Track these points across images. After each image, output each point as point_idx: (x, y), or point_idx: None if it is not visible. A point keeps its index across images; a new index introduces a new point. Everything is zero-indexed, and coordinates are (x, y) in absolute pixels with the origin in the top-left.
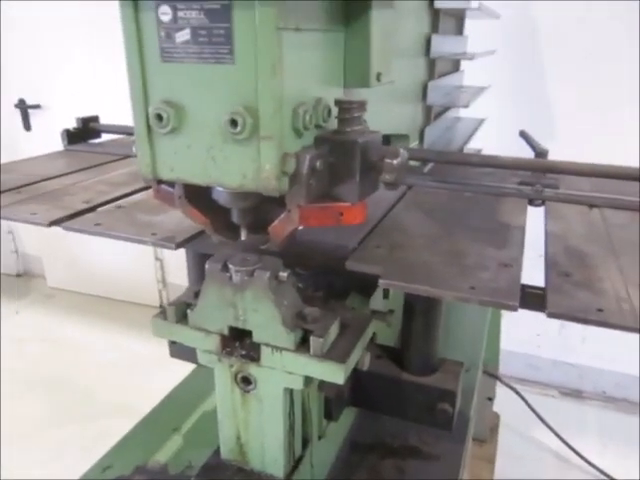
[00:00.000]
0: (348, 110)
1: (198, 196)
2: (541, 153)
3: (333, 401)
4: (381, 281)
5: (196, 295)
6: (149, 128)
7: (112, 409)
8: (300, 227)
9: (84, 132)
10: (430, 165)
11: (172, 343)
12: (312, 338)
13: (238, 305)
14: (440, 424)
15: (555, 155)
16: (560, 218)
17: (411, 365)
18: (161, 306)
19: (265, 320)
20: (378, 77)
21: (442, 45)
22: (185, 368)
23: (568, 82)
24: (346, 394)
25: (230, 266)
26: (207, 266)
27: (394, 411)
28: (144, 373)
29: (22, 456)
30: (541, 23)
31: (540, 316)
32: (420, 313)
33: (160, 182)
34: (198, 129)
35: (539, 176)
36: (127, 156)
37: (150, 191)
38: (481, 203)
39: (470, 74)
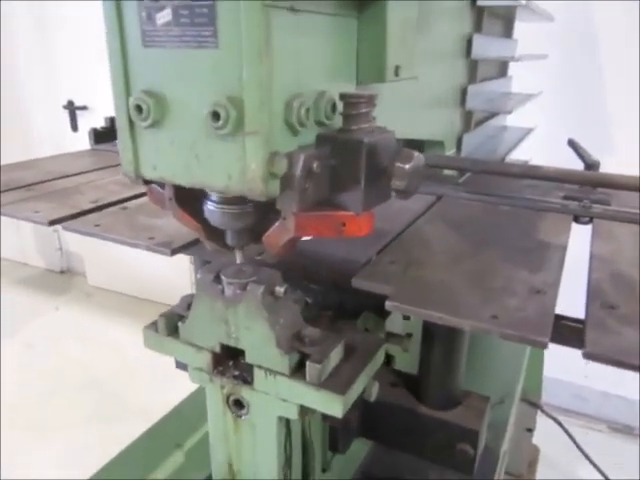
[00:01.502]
0: (354, 105)
1: (190, 199)
2: (592, 165)
3: (339, 431)
4: (388, 303)
5: (189, 307)
6: (131, 122)
7: (139, 412)
8: (304, 238)
9: (112, 131)
10: (466, 175)
11: None
12: (308, 363)
13: (230, 321)
14: (459, 466)
15: (607, 168)
16: (609, 239)
17: (429, 397)
18: None
19: (258, 340)
20: (396, 71)
21: (485, 47)
22: None
23: (626, 90)
24: (355, 424)
25: (222, 278)
26: (198, 276)
27: (408, 447)
28: (173, 378)
29: (45, 454)
30: (598, 26)
31: None
32: (440, 340)
33: (146, 182)
34: (180, 123)
35: (588, 190)
36: None
37: None
38: (519, 218)
39: (520, 80)
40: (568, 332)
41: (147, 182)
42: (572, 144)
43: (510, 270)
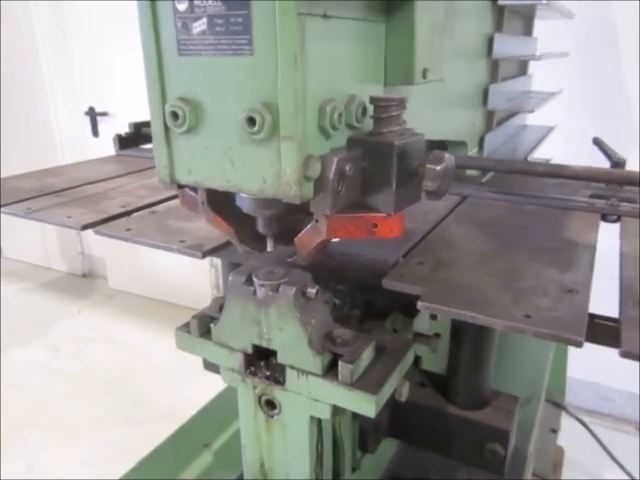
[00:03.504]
0: (385, 108)
1: (222, 203)
2: (618, 163)
3: (369, 432)
4: (420, 304)
5: (220, 308)
6: (166, 128)
7: (161, 414)
8: (333, 239)
9: (136, 137)
10: (489, 175)
11: None
12: (341, 363)
13: (262, 322)
14: (489, 466)
15: (632, 166)
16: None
17: (458, 397)
18: None
19: (290, 340)
20: (424, 74)
21: (506, 46)
22: None
23: None
24: (384, 424)
25: (254, 279)
26: (230, 278)
27: (437, 447)
28: (195, 379)
29: (69, 455)
30: (620, 23)
31: None
32: (469, 339)
33: (180, 187)
34: (215, 128)
35: (615, 189)
36: None
37: None
38: (545, 218)
39: (540, 78)
40: (602, 331)
41: (181, 186)
42: (597, 142)
43: (540, 270)
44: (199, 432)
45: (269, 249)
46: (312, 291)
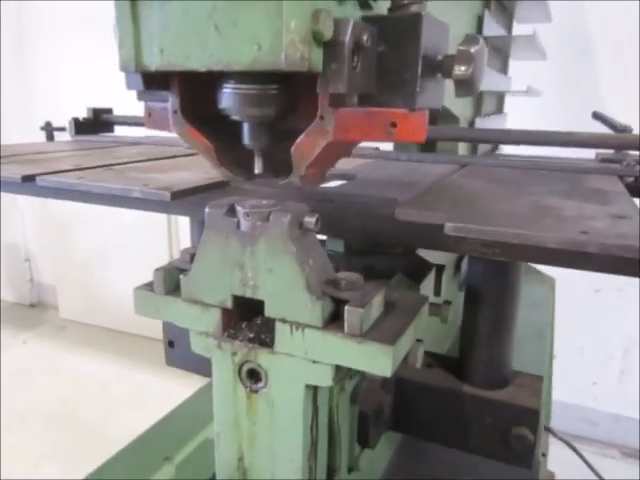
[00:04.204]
0: None
1: (199, 116)
2: (624, 130)
3: (370, 419)
4: (449, 224)
5: (192, 259)
6: None
7: (118, 446)
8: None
9: (95, 124)
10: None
11: (169, 346)
12: (347, 309)
13: (247, 264)
14: (515, 457)
15: None
16: None
17: (475, 375)
18: None
19: (282, 284)
20: None
21: (489, 79)
22: None
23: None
24: (387, 411)
25: (238, 209)
26: (207, 211)
27: (450, 439)
28: (153, 409)
29: None
30: (599, 62)
31: (596, 361)
32: (489, 301)
33: (147, 82)
34: None
35: (625, 155)
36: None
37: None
38: (561, 177)
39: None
40: None
41: (148, 81)
42: (598, 116)
43: (578, 204)
44: (159, 444)
45: (257, 171)
46: (311, 220)
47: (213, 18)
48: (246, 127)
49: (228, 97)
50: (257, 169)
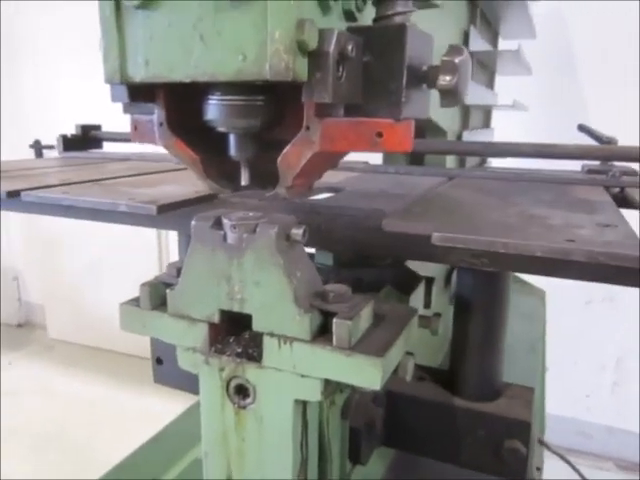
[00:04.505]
0: None
1: (185, 128)
2: (610, 142)
3: (362, 434)
4: (436, 234)
5: (179, 273)
6: (117, 5)
7: (108, 466)
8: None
9: (83, 140)
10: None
11: (157, 363)
12: (336, 321)
13: (234, 277)
14: (508, 470)
15: None
16: None
17: (466, 387)
18: None
19: (270, 297)
20: None
21: (475, 93)
22: None
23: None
24: (379, 426)
25: (225, 221)
26: (193, 223)
27: (442, 453)
28: (142, 430)
29: None
30: (582, 77)
31: (588, 372)
32: (478, 312)
33: (133, 94)
34: None
35: (610, 166)
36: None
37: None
38: (546, 188)
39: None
40: None
41: (133, 93)
42: (583, 128)
43: (565, 214)
44: (148, 464)
45: (243, 182)
46: (298, 232)
47: (198, 28)
48: (232, 138)
49: (214, 108)
50: (244, 181)
